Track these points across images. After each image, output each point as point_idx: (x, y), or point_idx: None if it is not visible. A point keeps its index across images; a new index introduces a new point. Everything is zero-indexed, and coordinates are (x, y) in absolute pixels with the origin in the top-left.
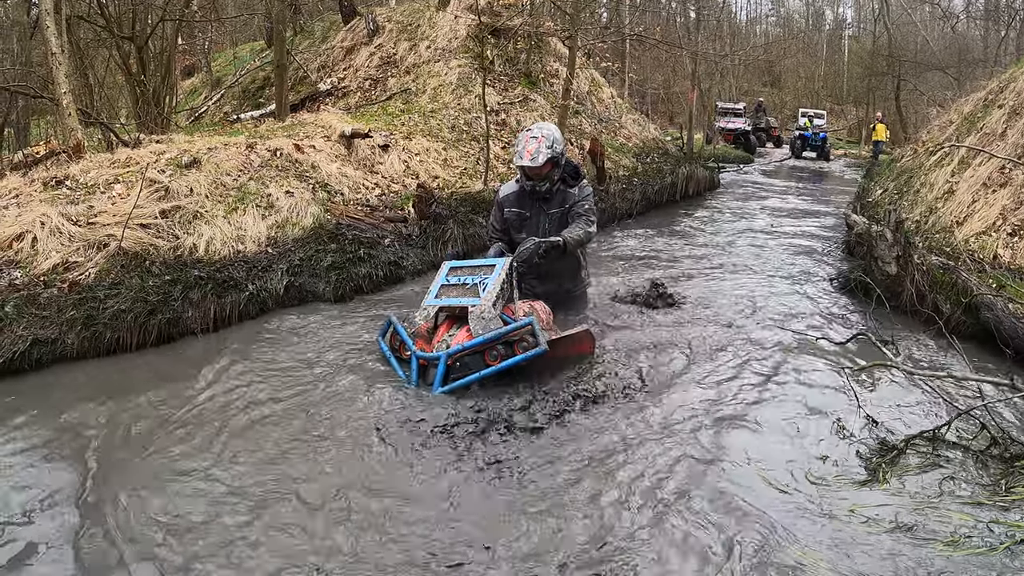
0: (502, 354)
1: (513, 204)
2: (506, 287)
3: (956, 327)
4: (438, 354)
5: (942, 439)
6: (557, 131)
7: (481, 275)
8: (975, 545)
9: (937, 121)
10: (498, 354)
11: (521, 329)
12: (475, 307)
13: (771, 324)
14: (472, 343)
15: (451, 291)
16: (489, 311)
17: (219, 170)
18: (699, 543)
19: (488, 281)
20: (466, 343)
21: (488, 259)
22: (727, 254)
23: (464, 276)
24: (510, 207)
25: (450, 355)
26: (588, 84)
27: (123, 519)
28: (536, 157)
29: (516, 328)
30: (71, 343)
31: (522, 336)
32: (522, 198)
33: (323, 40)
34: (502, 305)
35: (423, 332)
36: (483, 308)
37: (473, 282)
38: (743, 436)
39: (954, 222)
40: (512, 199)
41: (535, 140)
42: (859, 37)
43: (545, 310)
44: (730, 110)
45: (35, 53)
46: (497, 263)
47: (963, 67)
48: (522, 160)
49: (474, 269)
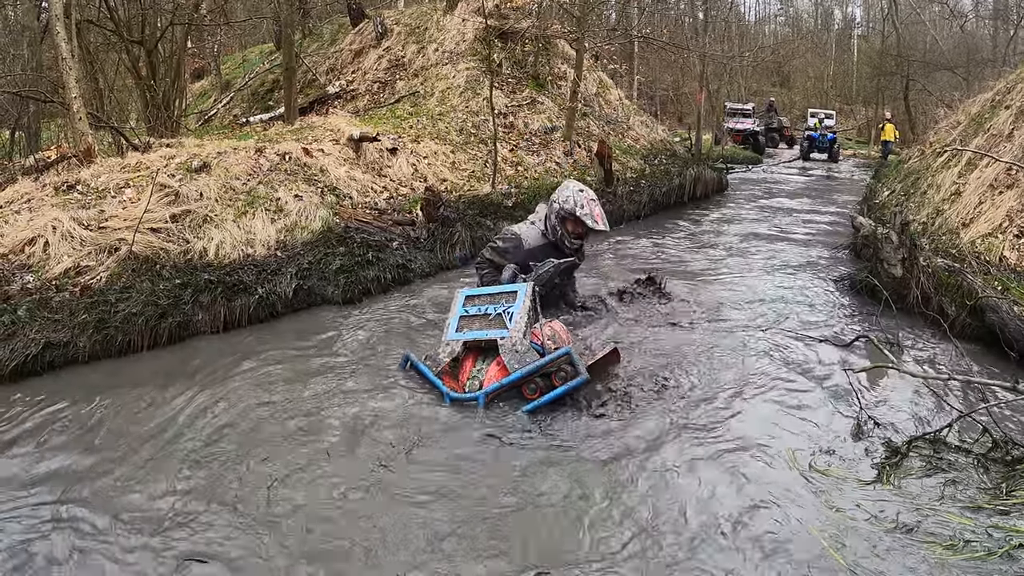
0: (541, 387)
1: (540, 254)
2: (531, 314)
3: (961, 329)
4: (476, 395)
5: (943, 442)
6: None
7: (503, 303)
8: (974, 549)
9: (944, 122)
10: (537, 387)
11: (559, 359)
12: (505, 339)
13: (777, 325)
14: (510, 379)
15: (473, 323)
16: (521, 342)
17: (228, 174)
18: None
19: (513, 310)
20: (503, 380)
21: (506, 286)
22: (733, 256)
23: (484, 306)
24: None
25: (488, 393)
26: (596, 86)
27: (127, 509)
28: (606, 222)
29: (554, 359)
30: (83, 346)
31: (559, 366)
32: (547, 248)
33: (332, 43)
34: (529, 333)
35: (447, 368)
36: (515, 340)
37: (496, 312)
38: (748, 432)
39: (960, 224)
40: (541, 251)
41: (596, 204)
42: (868, 37)
43: (564, 329)
44: (739, 111)
45: (45, 57)
46: (519, 290)
47: (972, 67)
48: (597, 225)
49: (493, 297)
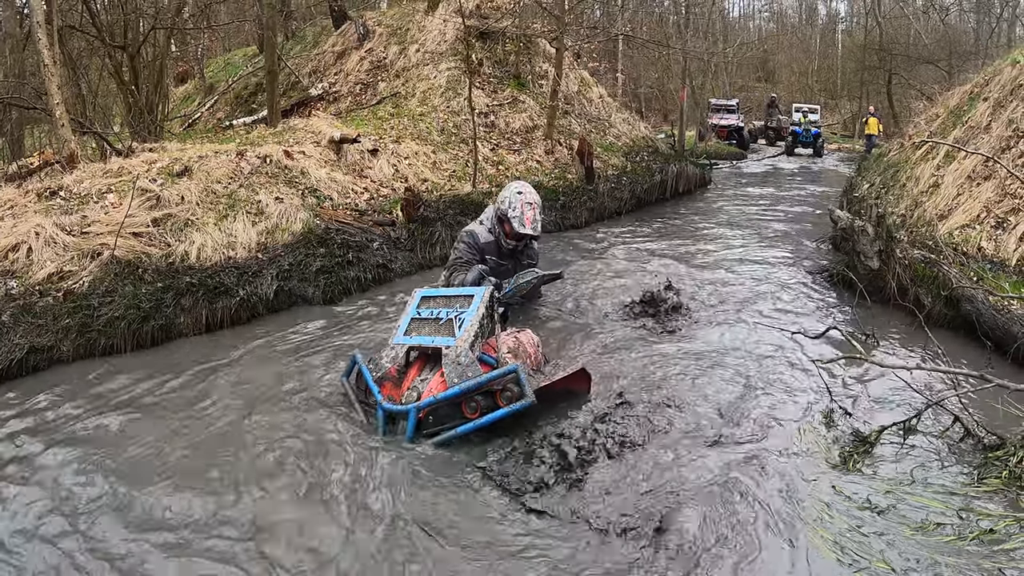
0: (482, 406)
1: (493, 253)
2: (486, 322)
3: (938, 320)
4: (407, 407)
5: (915, 430)
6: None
7: (457, 308)
8: (945, 533)
9: (924, 115)
10: (477, 406)
11: (504, 377)
12: (449, 349)
13: (751, 318)
14: (446, 395)
15: (423, 327)
16: (466, 355)
17: (210, 178)
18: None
19: (465, 317)
20: (439, 395)
21: (465, 289)
22: (710, 251)
23: (437, 308)
24: (491, 255)
25: (420, 408)
26: (577, 84)
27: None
28: (536, 226)
29: (497, 377)
30: (66, 350)
31: (505, 384)
32: (500, 249)
33: (314, 45)
34: (481, 343)
35: (392, 374)
36: (459, 351)
37: (447, 317)
38: (717, 424)
39: (938, 216)
40: (492, 249)
41: (531, 207)
42: (852, 31)
43: (533, 342)
44: (723, 106)
45: (28, 64)
46: (476, 293)
47: (954, 60)
48: (524, 228)
49: (449, 300)
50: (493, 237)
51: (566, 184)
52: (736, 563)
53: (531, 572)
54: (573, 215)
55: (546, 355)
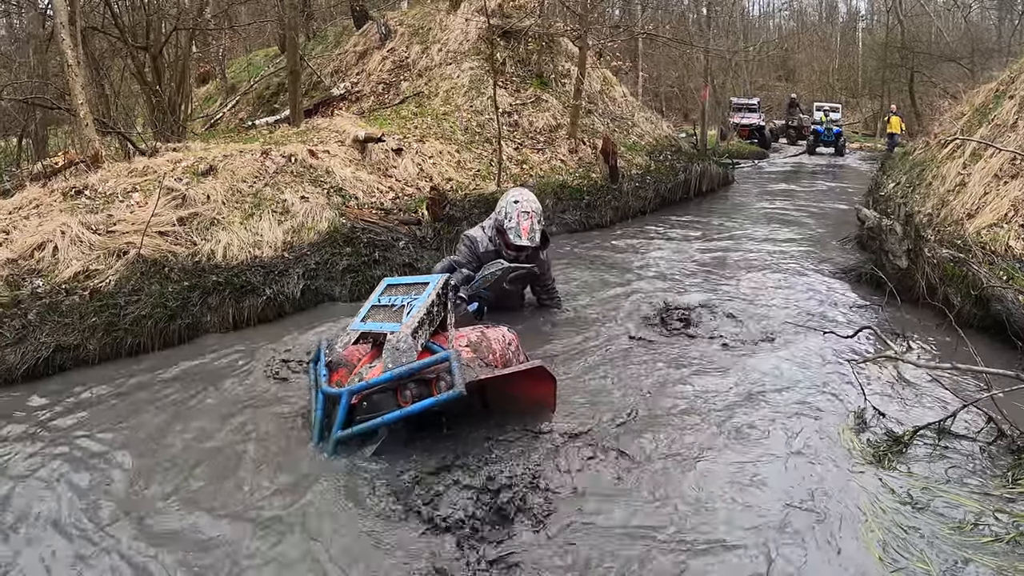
0: (414, 394)
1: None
2: (437, 311)
3: (967, 320)
4: (340, 391)
5: (948, 431)
6: (536, 198)
7: (413, 295)
8: (982, 534)
9: (949, 113)
10: (411, 394)
11: (438, 365)
12: (392, 335)
13: (781, 318)
14: (378, 379)
15: (379, 313)
16: (406, 341)
17: (235, 177)
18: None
19: (415, 304)
20: (371, 380)
21: (425, 276)
22: (737, 249)
23: (397, 296)
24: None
25: (353, 392)
26: (600, 83)
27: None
28: (533, 237)
29: (431, 364)
30: (93, 348)
31: (439, 374)
32: (492, 256)
33: (336, 45)
34: (428, 333)
35: (352, 361)
36: (399, 337)
37: (401, 303)
38: (750, 424)
39: (965, 214)
40: (491, 258)
41: (527, 216)
42: (873, 29)
43: (502, 339)
44: (744, 105)
45: (51, 64)
46: (431, 281)
47: (976, 57)
48: (520, 240)
49: (409, 288)
50: (494, 247)
51: (590, 183)
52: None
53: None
54: (598, 214)
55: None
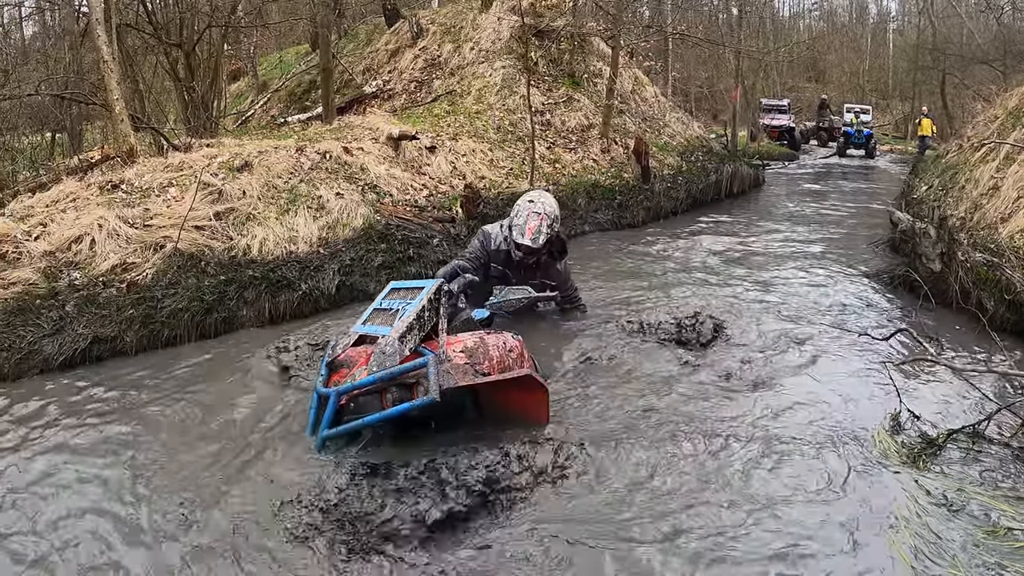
0: (395, 398)
1: (501, 263)
2: (428, 316)
3: (1001, 324)
4: (329, 391)
5: (982, 435)
6: (555, 204)
7: (409, 300)
8: (1015, 537)
9: (982, 116)
10: (392, 398)
11: (418, 370)
12: (382, 339)
13: (815, 320)
14: (362, 382)
15: (379, 317)
16: (392, 345)
17: (270, 173)
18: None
19: (408, 308)
20: (356, 381)
21: (423, 281)
22: (771, 251)
23: (396, 300)
24: (497, 263)
25: (341, 392)
26: (632, 83)
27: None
28: (537, 238)
29: (410, 369)
30: (129, 340)
31: (419, 378)
32: (509, 260)
33: (367, 43)
34: (417, 338)
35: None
36: (387, 341)
37: (397, 307)
38: (785, 425)
39: (999, 218)
40: (501, 258)
41: (536, 216)
42: (904, 31)
43: (502, 346)
44: (774, 106)
45: (86, 61)
46: (425, 286)
47: (1009, 60)
48: (522, 239)
49: (409, 292)
50: (506, 247)
51: (622, 183)
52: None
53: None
54: (630, 214)
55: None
